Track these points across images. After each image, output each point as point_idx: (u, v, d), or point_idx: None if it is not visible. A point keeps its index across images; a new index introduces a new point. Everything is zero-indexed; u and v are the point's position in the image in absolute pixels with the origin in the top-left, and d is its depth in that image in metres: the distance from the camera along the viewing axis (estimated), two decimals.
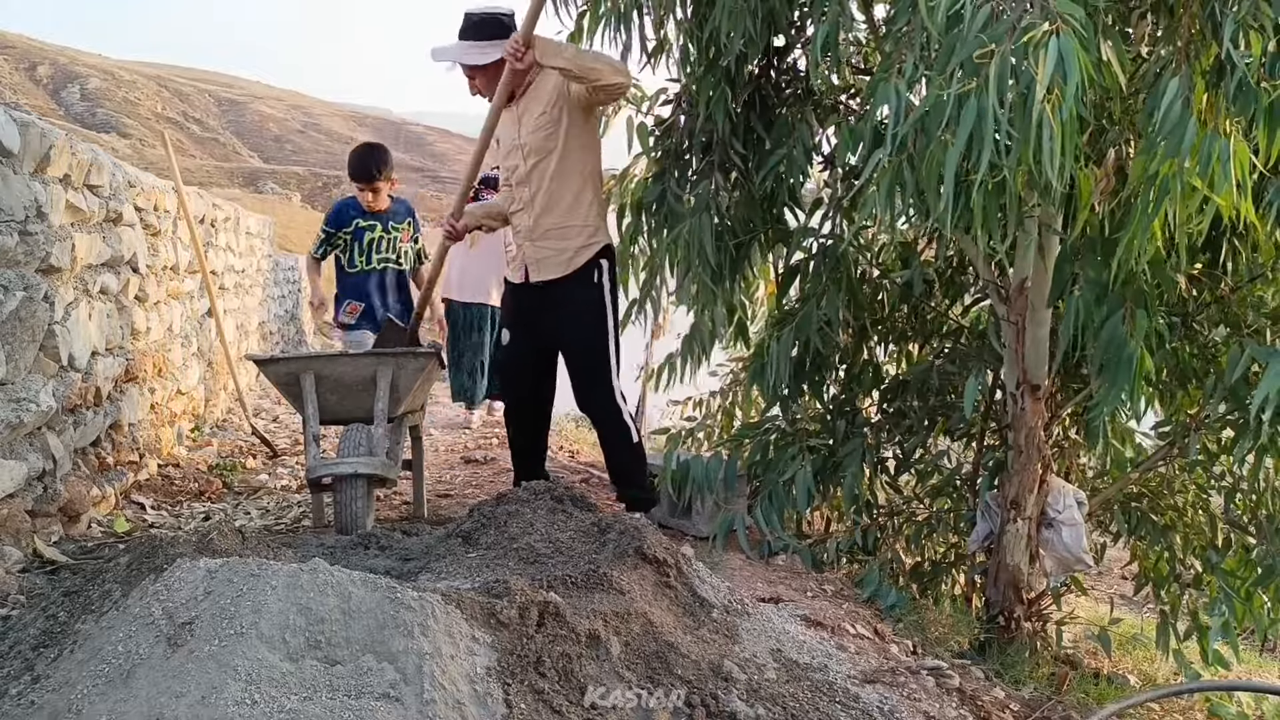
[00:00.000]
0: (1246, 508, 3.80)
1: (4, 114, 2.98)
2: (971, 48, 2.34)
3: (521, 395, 3.93)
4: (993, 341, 3.52)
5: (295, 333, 11.41)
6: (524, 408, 3.94)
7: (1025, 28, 2.27)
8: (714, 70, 3.53)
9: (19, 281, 3.09)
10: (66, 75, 52.79)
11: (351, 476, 3.40)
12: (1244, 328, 3.41)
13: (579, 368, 3.76)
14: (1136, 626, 4.46)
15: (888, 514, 4.12)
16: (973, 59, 2.33)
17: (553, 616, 2.09)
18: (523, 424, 3.96)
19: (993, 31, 2.32)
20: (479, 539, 2.84)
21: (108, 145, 33.58)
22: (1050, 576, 3.54)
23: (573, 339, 3.73)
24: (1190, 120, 2.43)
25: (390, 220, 4.86)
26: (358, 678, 1.82)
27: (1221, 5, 2.51)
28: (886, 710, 2.35)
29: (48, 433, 3.35)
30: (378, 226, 4.84)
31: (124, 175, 4.27)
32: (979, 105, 2.30)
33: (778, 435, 3.94)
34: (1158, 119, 2.49)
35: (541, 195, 3.65)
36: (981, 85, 2.29)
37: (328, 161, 47.20)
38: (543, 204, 3.65)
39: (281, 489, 4.79)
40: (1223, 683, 3.43)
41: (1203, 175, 2.44)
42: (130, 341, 4.38)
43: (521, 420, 3.96)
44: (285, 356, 3.80)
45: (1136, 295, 2.91)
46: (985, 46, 2.32)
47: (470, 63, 3.66)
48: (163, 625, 1.87)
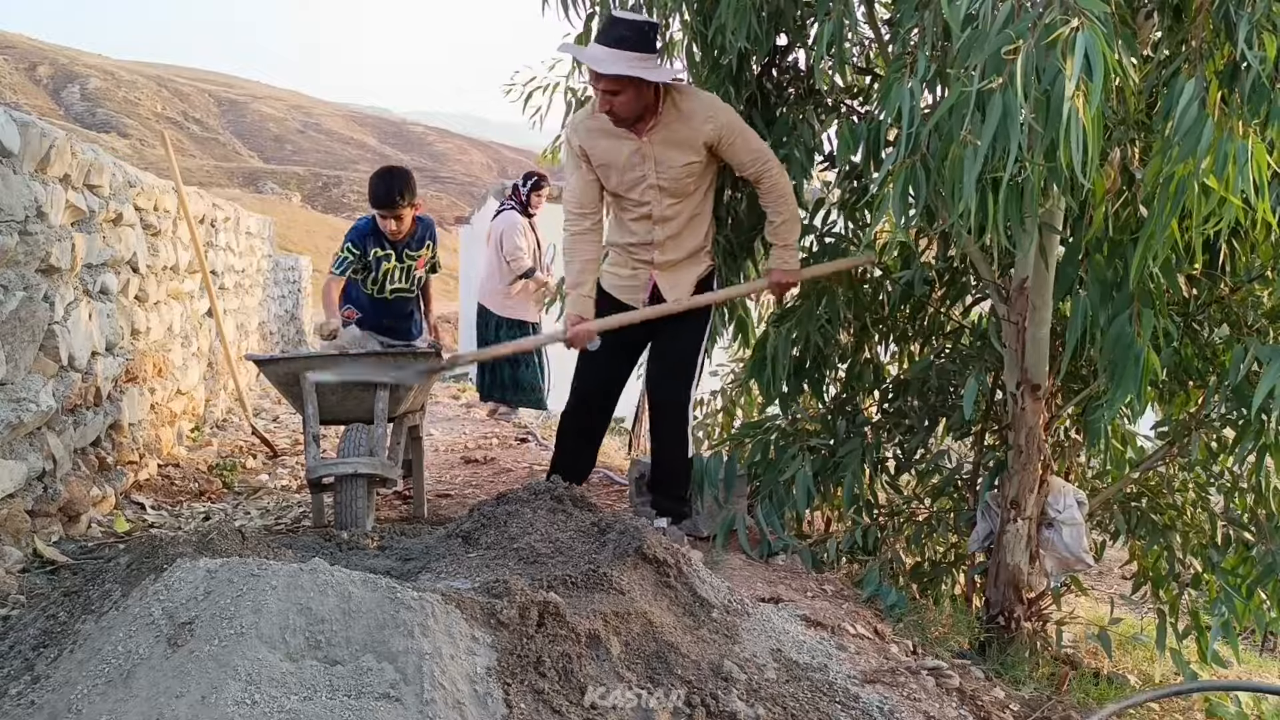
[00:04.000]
0: (1246, 507, 3.80)
1: (4, 114, 2.98)
2: (994, 45, 2.33)
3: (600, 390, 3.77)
4: (993, 341, 3.52)
5: (295, 333, 11.41)
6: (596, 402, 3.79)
7: (1048, 25, 2.26)
8: (718, 70, 3.53)
9: (19, 281, 3.09)
10: (66, 75, 52.81)
11: (352, 476, 3.41)
12: (1245, 327, 3.41)
13: (669, 359, 3.68)
14: (1136, 626, 4.46)
15: (888, 514, 4.12)
16: (998, 55, 2.31)
17: (553, 616, 2.09)
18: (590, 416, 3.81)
19: (1015, 28, 2.31)
20: (479, 539, 2.84)
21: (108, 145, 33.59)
22: (1050, 576, 3.54)
23: (675, 330, 3.64)
24: (1207, 122, 2.42)
25: (407, 249, 4.64)
26: (358, 678, 1.82)
27: (1236, 6, 2.51)
28: (886, 710, 2.35)
29: (48, 433, 3.35)
30: (393, 257, 4.63)
31: (124, 175, 4.27)
32: (1005, 102, 2.29)
33: (778, 434, 3.93)
34: (1174, 121, 2.48)
35: (677, 234, 3.58)
36: (1007, 82, 2.27)
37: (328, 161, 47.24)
38: (678, 241, 3.59)
39: (281, 489, 4.79)
40: (1223, 683, 3.43)
41: (1219, 177, 2.44)
42: (130, 341, 4.38)
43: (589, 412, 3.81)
44: (285, 356, 3.80)
45: (1143, 295, 2.91)
46: (1007, 44, 2.30)
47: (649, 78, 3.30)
48: (163, 625, 1.86)
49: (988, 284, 3.45)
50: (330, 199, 41.18)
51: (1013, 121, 2.28)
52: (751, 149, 3.44)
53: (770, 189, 3.49)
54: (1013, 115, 2.27)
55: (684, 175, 3.46)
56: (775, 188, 3.49)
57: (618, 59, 3.23)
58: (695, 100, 3.41)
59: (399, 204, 4.42)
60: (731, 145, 3.42)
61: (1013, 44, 2.29)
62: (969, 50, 2.41)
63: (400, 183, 4.44)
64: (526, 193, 6.68)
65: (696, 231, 3.60)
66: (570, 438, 3.85)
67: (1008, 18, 2.33)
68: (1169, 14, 2.94)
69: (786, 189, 3.51)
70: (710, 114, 3.38)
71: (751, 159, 3.44)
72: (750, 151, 3.43)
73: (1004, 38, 2.32)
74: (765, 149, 3.47)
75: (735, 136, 3.41)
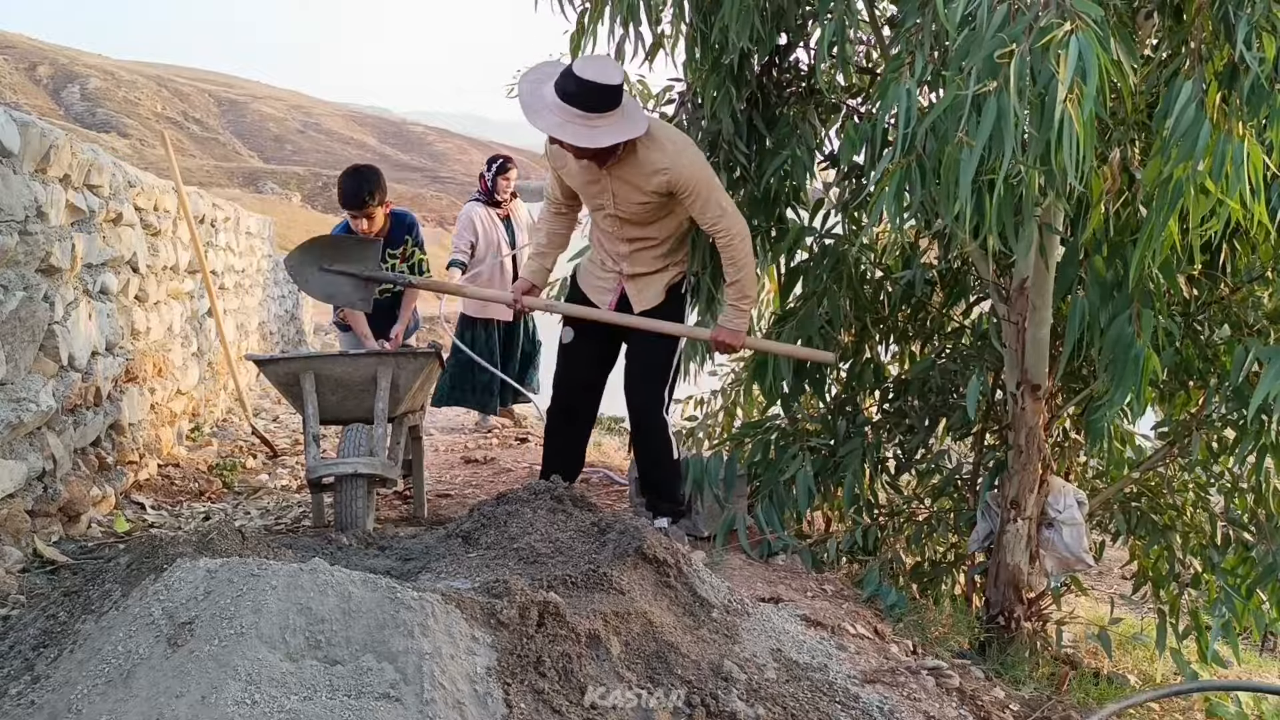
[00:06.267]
0: (1246, 507, 3.80)
1: (4, 114, 2.98)
2: (989, 47, 2.33)
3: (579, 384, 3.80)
4: (993, 341, 3.53)
5: (295, 333, 11.41)
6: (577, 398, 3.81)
7: (1044, 27, 2.26)
8: (718, 70, 3.53)
9: (19, 281, 3.09)
10: (66, 75, 52.81)
11: (352, 476, 3.41)
12: (1246, 328, 3.41)
13: (641, 361, 3.68)
14: (1136, 626, 4.46)
15: (888, 514, 4.12)
16: (993, 58, 2.31)
17: (553, 616, 2.09)
18: (573, 416, 3.84)
19: (1010, 31, 2.32)
20: (479, 539, 2.84)
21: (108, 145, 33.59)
22: (1050, 576, 3.54)
23: (644, 333, 3.64)
24: (1204, 123, 2.42)
25: (389, 247, 4.52)
26: (358, 677, 1.82)
27: (1235, 7, 2.51)
28: (886, 710, 2.35)
29: (48, 433, 3.35)
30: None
31: (124, 175, 4.27)
32: (999, 105, 2.29)
33: (778, 434, 3.93)
34: (1171, 122, 2.48)
35: (644, 250, 3.59)
36: (1002, 85, 2.27)
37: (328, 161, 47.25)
38: (644, 257, 3.61)
39: (281, 489, 4.79)
40: (1223, 683, 3.44)
41: (1216, 178, 2.44)
42: (130, 341, 4.38)
43: (573, 412, 3.83)
44: (285, 356, 3.80)
45: (1143, 295, 2.91)
46: (1002, 46, 2.30)
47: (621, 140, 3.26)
48: (163, 625, 1.86)
49: (988, 284, 3.45)
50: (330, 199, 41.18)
51: (1007, 124, 2.28)
52: (708, 214, 3.37)
53: (725, 249, 3.44)
54: (1007, 118, 2.28)
55: (641, 210, 3.46)
56: (729, 249, 3.42)
57: (593, 129, 3.21)
58: (654, 150, 3.33)
59: (368, 204, 4.35)
60: (688, 201, 3.38)
61: (1008, 47, 2.29)
62: (965, 52, 2.41)
63: (369, 183, 4.38)
64: (492, 177, 6.21)
65: (665, 247, 3.59)
66: (556, 436, 3.87)
67: (1004, 20, 2.33)
68: (1169, 14, 2.94)
69: (741, 255, 3.43)
70: (664, 168, 3.32)
71: (709, 222, 3.40)
72: (707, 215, 3.38)
73: (999, 40, 2.32)
74: (725, 215, 3.38)
75: (692, 196, 3.35)
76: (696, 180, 3.34)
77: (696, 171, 3.35)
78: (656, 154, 3.33)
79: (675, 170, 3.32)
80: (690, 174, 3.33)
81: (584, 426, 3.90)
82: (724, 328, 3.54)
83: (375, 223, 4.44)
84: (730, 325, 3.53)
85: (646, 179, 3.36)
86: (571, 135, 3.24)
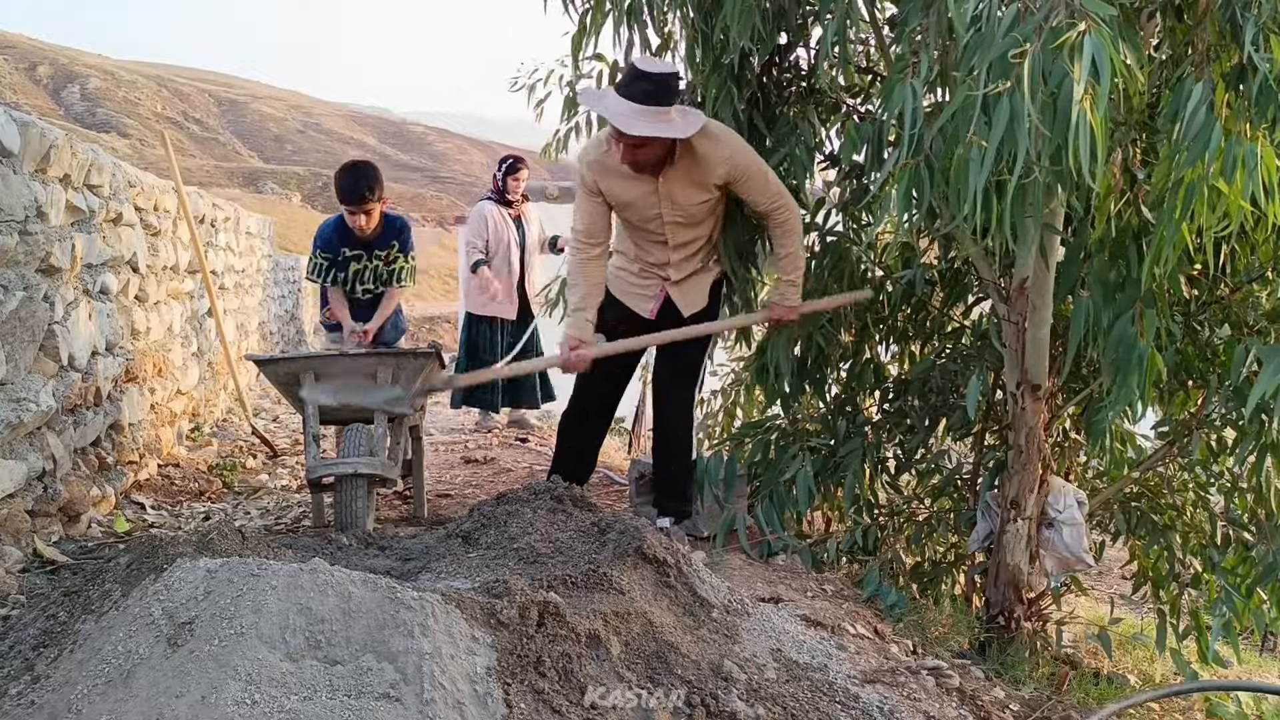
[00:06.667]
0: (1246, 507, 3.80)
1: (4, 114, 2.98)
2: (1000, 48, 2.32)
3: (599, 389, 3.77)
4: (994, 341, 3.53)
5: (295, 333, 11.41)
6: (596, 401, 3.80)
7: (1054, 28, 2.26)
8: (719, 69, 3.53)
9: (19, 281, 3.09)
10: (66, 75, 52.77)
11: (352, 476, 3.41)
12: (1246, 327, 3.41)
13: (674, 363, 3.69)
14: (1136, 626, 4.46)
15: (888, 514, 4.12)
16: (1005, 59, 2.30)
17: (553, 616, 2.09)
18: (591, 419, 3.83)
19: (1021, 31, 2.31)
20: (479, 539, 2.84)
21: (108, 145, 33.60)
22: (1050, 576, 3.54)
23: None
24: (1215, 125, 2.42)
25: (376, 248, 4.55)
26: (358, 678, 1.82)
27: (1242, 9, 2.50)
28: (886, 710, 2.35)
29: (48, 433, 3.35)
30: (363, 257, 4.55)
31: (124, 175, 4.27)
32: (1013, 106, 2.28)
33: (779, 434, 3.93)
34: (1181, 124, 2.48)
35: (691, 254, 3.60)
36: (1015, 85, 2.26)
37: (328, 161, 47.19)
38: (691, 259, 3.61)
39: (281, 489, 4.79)
40: (1223, 683, 3.43)
41: (1228, 179, 2.44)
42: (130, 341, 4.38)
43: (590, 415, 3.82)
44: (285, 356, 3.80)
45: (1146, 295, 2.91)
46: (1013, 47, 2.29)
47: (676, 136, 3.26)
48: (163, 625, 1.86)
49: (988, 284, 3.45)
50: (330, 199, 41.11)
51: (1020, 125, 2.27)
52: (769, 192, 3.42)
53: (779, 224, 3.49)
54: (1021, 118, 2.27)
55: (699, 210, 3.48)
56: (784, 224, 3.49)
57: (643, 116, 3.19)
58: (711, 143, 3.35)
59: (367, 199, 4.32)
60: (747, 185, 3.41)
61: (1019, 47, 2.28)
62: (974, 52, 2.40)
63: (367, 177, 4.34)
64: (502, 177, 6.24)
65: (709, 245, 3.62)
66: (571, 440, 3.85)
67: (1014, 20, 2.33)
68: (1171, 14, 2.94)
69: (795, 227, 3.51)
70: (726, 157, 3.36)
71: (767, 200, 3.44)
72: (765, 193, 3.42)
73: (1010, 40, 2.31)
74: (780, 190, 3.45)
75: (750, 179, 3.40)
76: (751, 163, 3.41)
77: (751, 155, 3.42)
78: (713, 148, 3.36)
79: (735, 158, 3.37)
80: (747, 158, 3.40)
81: (600, 433, 3.90)
82: (779, 305, 3.58)
83: (372, 219, 4.42)
84: (786, 301, 3.57)
85: (709, 172, 3.38)
86: (661, 130, 3.21)
